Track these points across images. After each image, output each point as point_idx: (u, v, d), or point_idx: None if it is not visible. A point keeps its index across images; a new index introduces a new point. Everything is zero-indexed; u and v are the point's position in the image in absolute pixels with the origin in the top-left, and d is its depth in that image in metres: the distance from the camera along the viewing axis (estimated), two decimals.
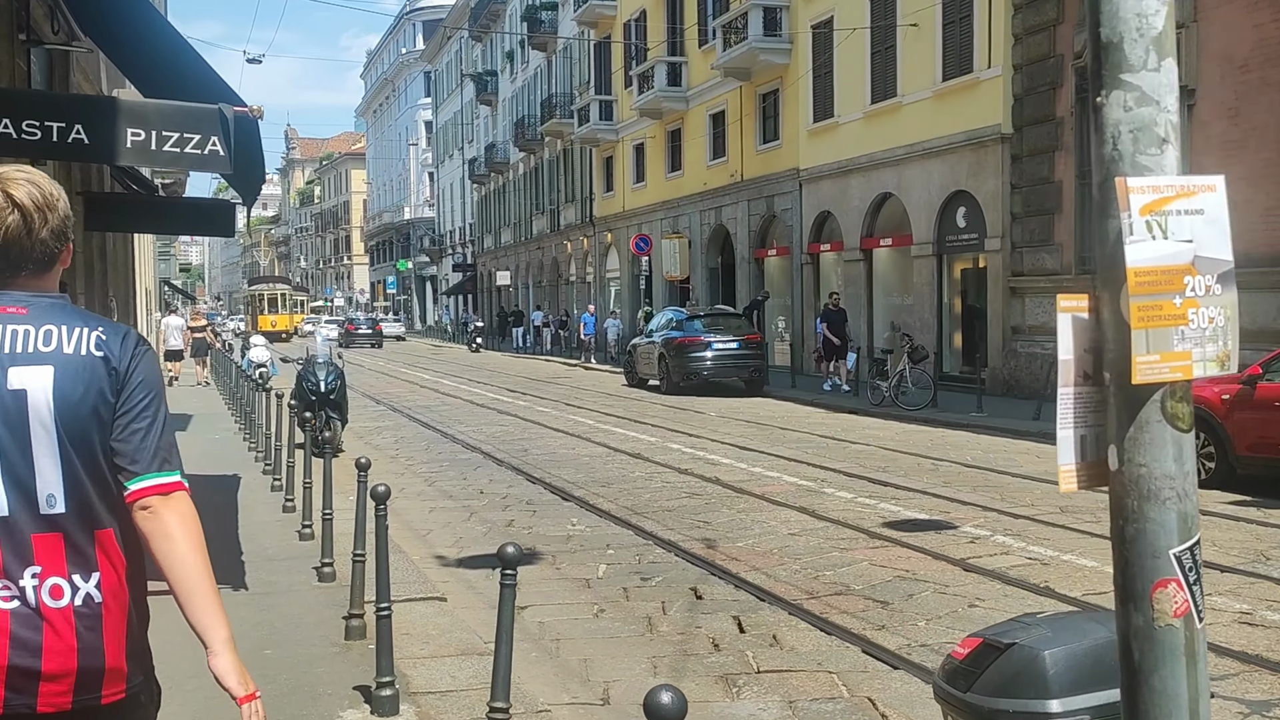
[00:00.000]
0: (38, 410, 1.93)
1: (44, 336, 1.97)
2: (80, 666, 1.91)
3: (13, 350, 1.95)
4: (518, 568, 3.63)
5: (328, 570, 6.93)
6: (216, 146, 5.89)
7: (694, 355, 21.43)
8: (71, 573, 1.93)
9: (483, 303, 57.24)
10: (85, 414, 1.95)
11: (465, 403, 21.29)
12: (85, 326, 2.01)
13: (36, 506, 1.92)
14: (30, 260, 2.02)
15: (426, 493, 10.94)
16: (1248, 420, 10.07)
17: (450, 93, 64.44)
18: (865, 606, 6.51)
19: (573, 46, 41.00)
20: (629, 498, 10.28)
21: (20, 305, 2.00)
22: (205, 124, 5.88)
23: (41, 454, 1.93)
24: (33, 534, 1.91)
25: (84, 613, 1.92)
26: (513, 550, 3.53)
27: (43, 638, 1.88)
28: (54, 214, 2.03)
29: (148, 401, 2.03)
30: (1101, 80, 1.93)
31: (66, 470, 1.94)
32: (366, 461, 5.99)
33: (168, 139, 5.82)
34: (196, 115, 5.91)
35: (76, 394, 1.95)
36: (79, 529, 1.94)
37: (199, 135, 5.89)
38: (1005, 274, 18.82)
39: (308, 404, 12.69)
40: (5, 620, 1.88)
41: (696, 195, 30.48)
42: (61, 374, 1.95)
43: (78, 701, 1.91)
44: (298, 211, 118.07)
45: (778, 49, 25.59)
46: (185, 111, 5.93)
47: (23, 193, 2.00)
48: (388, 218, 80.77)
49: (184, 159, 5.88)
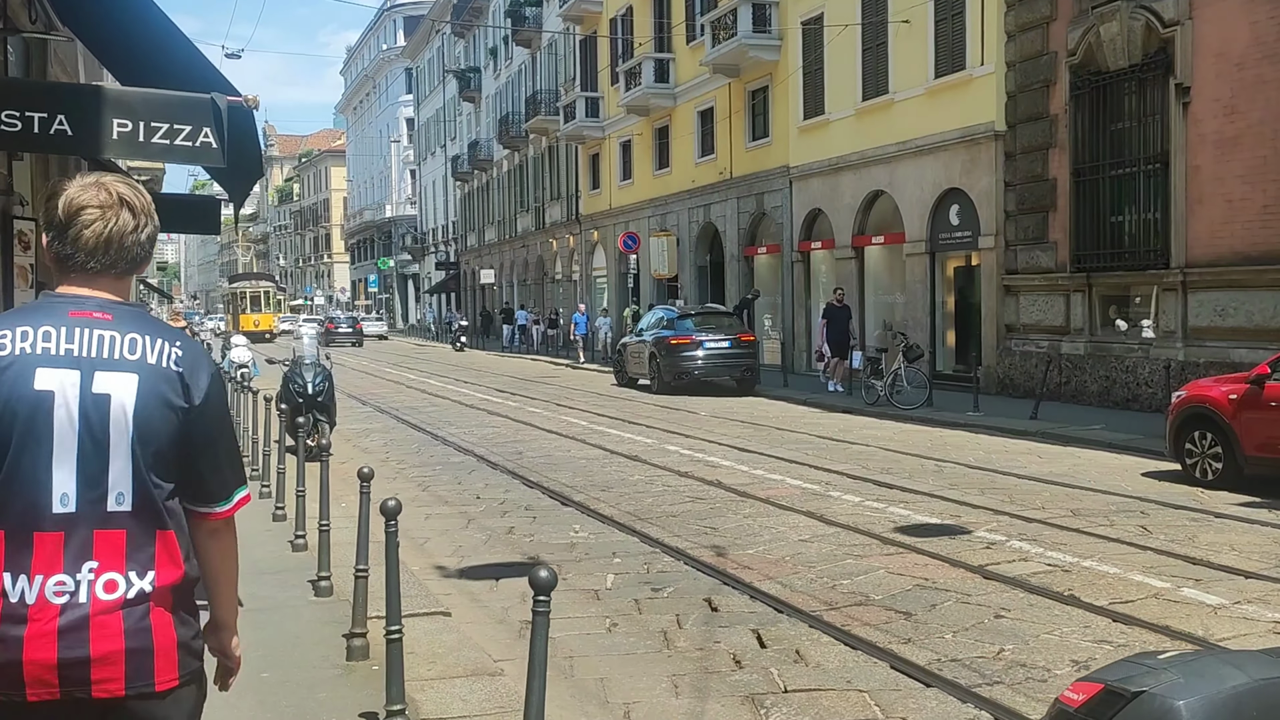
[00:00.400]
0: (117, 415, 2.03)
1: (129, 345, 2.07)
2: (129, 656, 2.00)
3: (99, 355, 2.05)
4: (548, 592, 3.35)
5: (324, 584, 6.63)
6: (209, 138, 5.58)
7: (686, 354, 21.18)
8: (129, 569, 2.03)
9: (466, 301, 56.81)
10: (160, 423, 2.06)
11: (454, 403, 20.95)
12: (165, 339, 2.12)
13: (105, 504, 2.02)
14: (124, 260, 2.12)
15: (421, 498, 10.62)
16: (1256, 420, 9.90)
17: (432, 89, 63.92)
18: (888, 618, 6.27)
19: (558, 43, 40.65)
20: (631, 502, 10.01)
21: (106, 311, 2.09)
22: (197, 114, 5.57)
23: (117, 455, 2.02)
24: (96, 530, 2.01)
25: (134, 605, 2.02)
26: (546, 575, 3.26)
27: (90, 630, 1.98)
28: (153, 221, 2.17)
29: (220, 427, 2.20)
30: None
31: (136, 473, 2.04)
32: (369, 471, 5.69)
33: (156, 130, 5.50)
34: (187, 105, 5.60)
35: (154, 404, 2.06)
36: (142, 528, 2.05)
37: (190, 126, 5.58)
38: (999, 272, 18.66)
39: (295, 406, 12.34)
40: (56, 614, 1.97)
41: (685, 193, 30.22)
42: (145, 383, 2.05)
43: (131, 688, 2.02)
44: (276, 209, 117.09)
45: (767, 45, 25.35)
46: (175, 101, 5.61)
47: (129, 193, 2.12)
48: (369, 215, 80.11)
49: (174, 151, 5.57)
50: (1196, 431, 10.42)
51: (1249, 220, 14.20)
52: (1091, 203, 16.74)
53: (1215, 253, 14.66)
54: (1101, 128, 16.52)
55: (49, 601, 1.98)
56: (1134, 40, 15.76)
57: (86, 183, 2.11)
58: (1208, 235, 14.76)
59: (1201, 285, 14.87)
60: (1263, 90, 13.98)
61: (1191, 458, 10.48)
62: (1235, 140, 14.35)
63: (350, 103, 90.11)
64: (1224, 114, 14.51)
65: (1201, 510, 9.20)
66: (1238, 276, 14.32)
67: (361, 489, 5.69)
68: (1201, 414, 10.37)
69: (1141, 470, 11.31)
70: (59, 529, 2.00)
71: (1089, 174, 16.75)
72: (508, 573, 7.57)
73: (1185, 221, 15.08)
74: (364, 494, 5.71)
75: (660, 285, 32.03)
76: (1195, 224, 14.96)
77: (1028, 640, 5.79)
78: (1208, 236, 14.76)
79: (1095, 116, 16.61)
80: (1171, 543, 7.97)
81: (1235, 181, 14.38)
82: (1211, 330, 14.70)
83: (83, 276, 2.11)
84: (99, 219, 2.07)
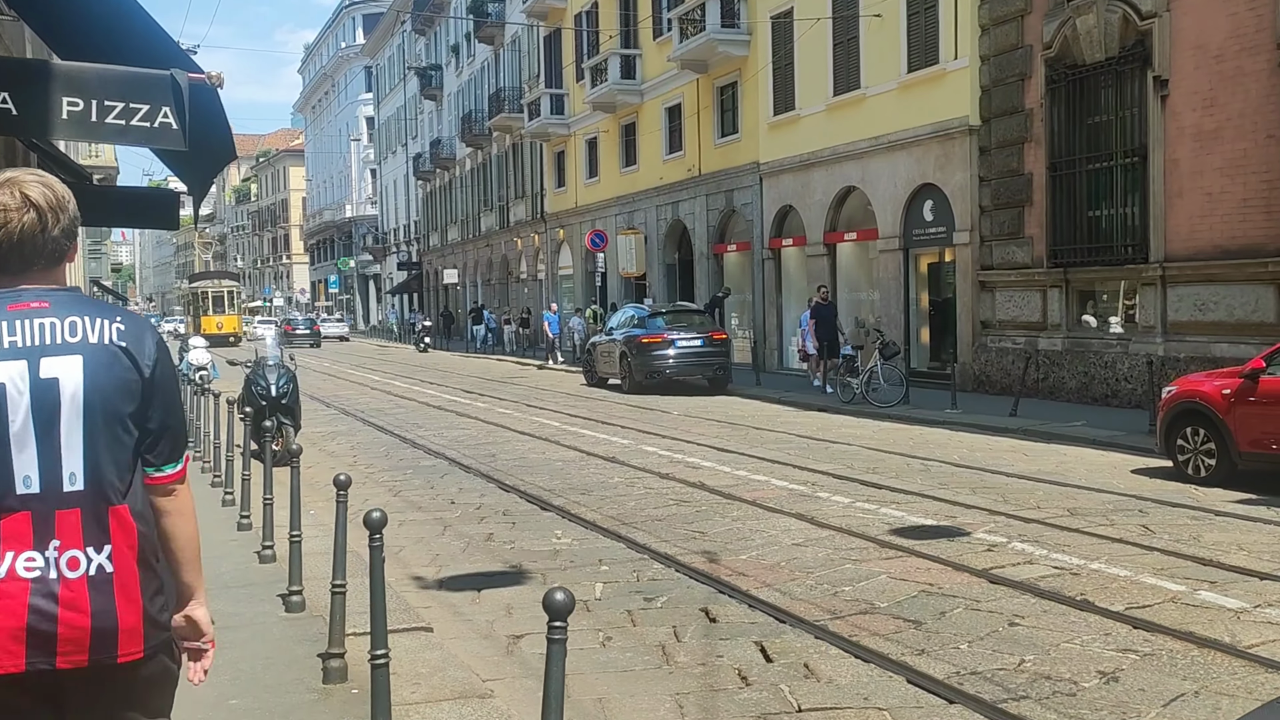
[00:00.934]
0: (67, 397, 2.10)
1: (69, 328, 2.14)
2: (94, 629, 2.08)
3: (43, 342, 2.12)
4: (565, 617, 2.96)
5: (296, 599, 6.19)
6: (168, 118, 5.10)
7: (657, 353, 20.83)
8: (86, 545, 2.10)
9: (429, 301, 56.07)
10: (109, 400, 2.14)
11: (421, 405, 20.44)
12: (105, 317, 2.18)
13: (60, 485, 2.09)
14: (42, 256, 2.18)
15: (393, 504, 10.15)
16: (1250, 415, 9.72)
17: (393, 87, 63.04)
18: (897, 627, 5.94)
19: (521, 39, 40.14)
20: (613, 506, 9.62)
21: (41, 300, 2.16)
22: (155, 92, 5.09)
23: (68, 436, 2.10)
24: (56, 510, 2.08)
25: (97, 581, 2.09)
26: (562, 598, 2.86)
27: (59, 604, 2.06)
28: (65, 214, 2.20)
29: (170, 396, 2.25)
30: None
31: (88, 452, 2.11)
32: (346, 479, 5.27)
33: (111, 109, 5.02)
34: (144, 82, 5.12)
35: (102, 382, 2.13)
36: (95, 505, 2.11)
37: (147, 105, 5.09)
38: (974, 268, 18.50)
39: (258, 409, 11.83)
40: (27, 589, 2.05)
41: (653, 190, 29.86)
42: (90, 363, 2.13)
43: (94, 660, 2.09)
44: (234, 209, 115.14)
45: (736, 40, 25.07)
46: (131, 78, 5.13)
47: (37, 193, 2.16)
48: (328, 215, 78.94)
49: (130, 132, 5.09)
50: (1189, 427, 10.23)
51: (1228, 214, 14.11)
52: (1068, 197, 16.60)
53: (1195, 247, 14.56)
54: (1078, 121, 16.39)
55: (19, 576, 2.06)
56: (1111, 33, 15.64)
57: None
58: (1187, 229, 14.65)
59: (1181, 280, 14.77)
60: (1242, 83, 13.89)
61: (1184, 454, 10.30)
62: (1214, 133, 14.25)
63: (309, 101, 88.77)
64: (1203, 107, 14.40)
65: (1200, 508, 8.99)
66: (1217, 271, 14.22)
67: (339, 498, 5.29)
68: (1194, 409, 10.18)
69: (1131, 467, 11.12)
70: (25, 509, 2.08)
71: (1065, 168, 16.62)
72: (490, 583, 7.16)
73: (1164, 216, 14.97)
74: (341, 503, 5.31)
75: (628, 284, 31.66)
76: (1174, 218, 14.85)
77: (1048, 650, 5.49)
78: (1187, 230, 14.66)
79: (1072, 110, 16.47)
80: (1177, 542, 7.73)
81: (1214, 175, 14.29)
82: (1191, 325, 14.59)
83: (10, 273, 2.17)
84: (4, 224, 2.13)
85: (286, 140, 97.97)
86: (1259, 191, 13.70)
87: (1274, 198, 13.50)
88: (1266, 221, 13.58)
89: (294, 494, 6.53)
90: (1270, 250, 13.52)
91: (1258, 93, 13.69)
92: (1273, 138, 13.51)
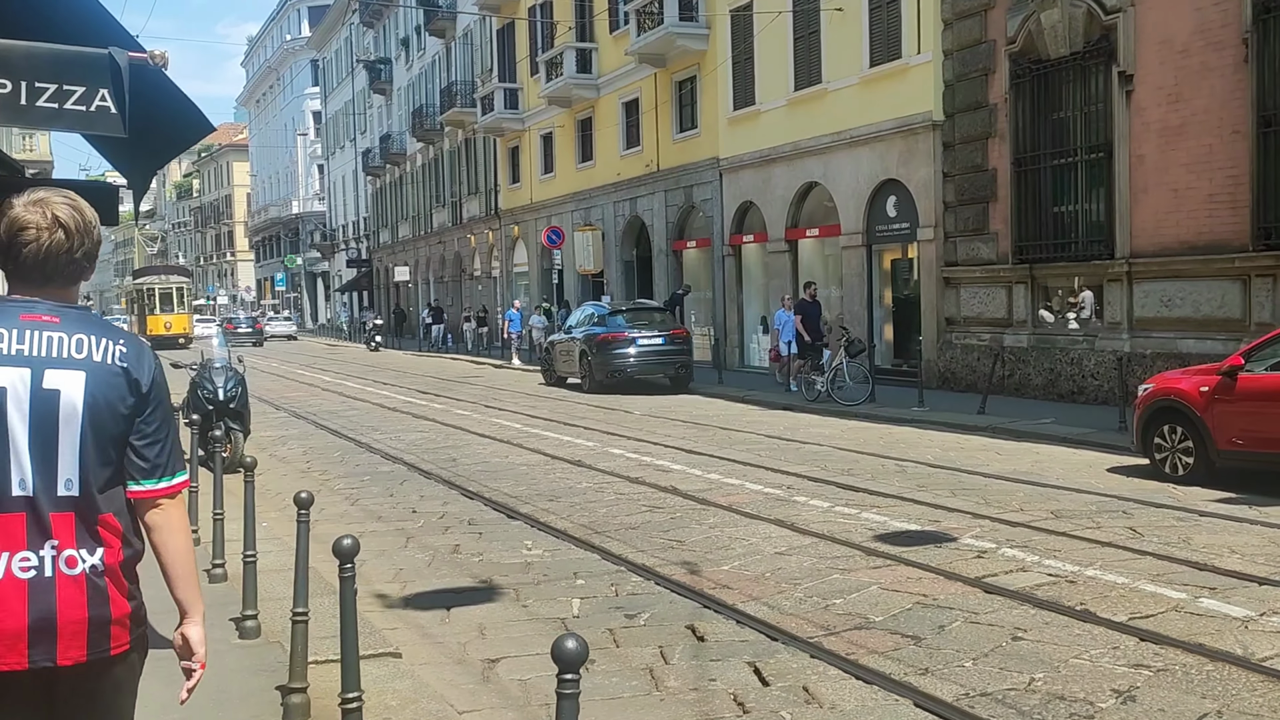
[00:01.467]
0: (67, 408, 2.21)
1: (76, 344, 2.26)
2: (91, 626, 2.19)
3: (49, 354, 2.23)
4: (578, 668, 2.60)
5: (251, 624, 5.73)
6: (106, 101, 4.62)
7: (618, 352, 20.46)
8: (80, 546, 2.21)
9: (379, 299, 55.11)
10: (106, 416, 2.25)
11: (375, 406, 19.85)
12: (109, 339, 2.31)
13: (56, 489, 2.20)
14: (61, 275, 2.30)
15: (350, 514, 9.69)
16: (1229, 413, 9.59)
17: (340, 81, 61.85)
18: (895, 644, 5.64)
19: (474, 32, 39.47)
20: (583, 513, 9.23)
21: (53, 314, 2.28)
22: (91, 72, 4.61)
23: (65, 445, 2.20)
24: (51, 513, 2.19)
25: (93, 580, 2.21)
26: (575, 646, 2.50)
27: (58, 603, 2.16)
28: (89, 238, 2.32)
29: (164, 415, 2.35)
30: None
31: (83, 461, 2.22)
32: (308, 497, 4.82)
33: (42, 91, 4.52)
34: (80, 61, 4.64)
35: (102, 398, 2.25)
36: (88, 510, 2.23)
37: (83, 87, 4.61)
38: (938, 264, 18.36)
39: (205, 414, 11.25)
40: (24, 589, 2.15)
41: (610, 186, 29.45)
42: (92, 380, 2.24)
43: (92, 654, 2.21)
44: (175, 205, 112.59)
45: (695, 34, 24.74)
46: (65, 56, 4.64)
47: (66, 214, 2.28)
48: (274, 212, 77.36)
49: (63, 117, 4.60)
50: (1166, 426, 10.09)
51: (1194, 209, 14.06)
52: (1033, 193, 16.50)
53: (1160, 243, 14.51)
54: (1043, 116, 16.28)
55: (16, 577, 2.15)
56: (1075, 27, 15.54)
57: (30, 201, 2.27)
58: (1153, 225, 14.60)
59: (1147, 275, 14.71)
60: (1207, 78, 13.84)
61: (1161, 453, 10.15)
62: (1180, 129, 14.20)
63: (252, 95, 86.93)
64: (1168, 102, 14.34)
65: (1183, 508, 8.82)
66: (1184, 266, 14.17)
67: (299, 517, 4.84)
68: (1171, 407, 10.04)
69: (1106, 466, 10.97)
70: (20, 510, 2.18)
71: (1030, 164, 16.51)
72: (460, 600, 6.75)
73: (1130, 211, 14.91)
74: (302, 523, 4.86)
75: (586, 281, 31.22)
76: (1140, 214, 14.79)
77: (1057, 667, 5.21)
78: (1153, 226, 14.60)
79: (1036, 105, 16.37)
80: (1167, 546, 7.53)
81: (1180, 170, 14.23)
82: (1158, 321, 14.54)
83: (30, 285, 2.29)
84: (34, 240, 2.25)
85: (230, 135, 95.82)
86: (1225, 187, 13.66)
87: (1240, 193, 13.47)
88: (1233, 217, 13.55)
89: (248, 510, 6.06)
90: (1236, 246, 13.49)
91: (1223, 88, 13.65)
92: (1238, 133, 13.48)
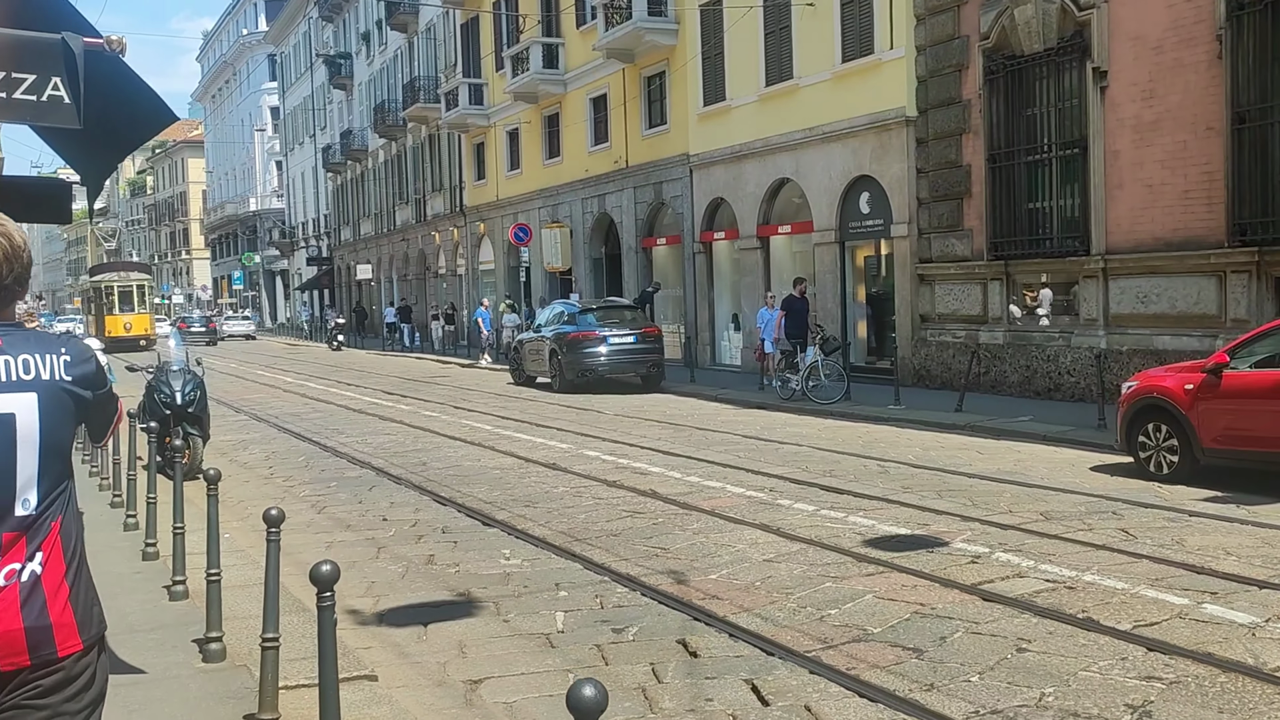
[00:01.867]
0: (24, 431, 2.26)
1: (23, 366, 2.30)
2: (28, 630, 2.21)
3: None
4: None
5: (215, 647, 5.37)
6: (59, 90, 4.31)
7: (588, 350, 20.17)
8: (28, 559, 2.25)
9: (341, 298, 54.32)
10: (61, 431, 2.34)
11: (339, 408, 19.41)
12: (52, 354, 2.35)
13: (13, 510, 2.24)
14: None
15: (318, 522, 9.33)
16: (1214, 410, 9.50)
17: (299, 76, 60.89)
18: (897, 657, 5.42)
19: (437, 26, 38.92)
20: (562, 520, 8.95)
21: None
22: (43, 60, 4.29)
23: (23, 467, 2.26)
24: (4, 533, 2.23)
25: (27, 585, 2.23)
26: (593, 694, 2.21)
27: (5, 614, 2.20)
28: (19, 263, 2.37)
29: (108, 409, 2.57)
30: None
31: (41, 479, 2.28)
32: (278, 514, 4.50)
33: None
34: (29, 47, 4.31)
35: (56, 416, 2.32)
36: (41, 523, 2.28)
37: (34, 75, 4.29)
38: (913, 261, 18.24)
39: (163, 419, 10.81)
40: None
41: (578, 182, 29.11)
42: (45, 400, 2.30)
43: (35, 657, 2.23)
44: (128, 203, 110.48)
45: (664, 29, 24.47)
46: (14, 42, 4.31)
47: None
48: (231, 209, 76.09)
49: (12, 107, 4.27)
50: (1151, 424, 9.98)
51: (1170, 205, 14.02)
52: (1008, 189, 16.42)
53: (1136, 239, 14.46)
54: (1017, 112, 16.20)
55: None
56: (1049, 23, 15.46)
57: None
58: (1128, 221, 14.55)
59: (1123, 272, 14.66)
60: (1181, 74, 13.80)
61: (1145, 451, 10.05)
62: (1154, 125, 14.15)
63: (208, 91, 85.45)
64: (1142, 98, 14.30)
65: (1172, 508, 8.71)
66: (1159, 263, 14.13)
67: (269, 536, 4.52)
68: (1156, 405, 9.93)
69: (1089, 464, 10.87)
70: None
71: (1004, 160, 16.43)
72: (437, 615, 6.45)
73: (1105, 207, 14.85)
74: (272, 542, 4.54)
75: (554, 279, 30.88)
76: (1115, 210, 14.74)
77: (1067, 680, 5.01)
78: (1128, 223, 14.55)
79: (1010, 101, 16.28)
80: (1161, 548, 7.39)
81: (1155, 166, 14.19)
82: (1134, 317, 14.50)
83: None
84: None
85: (184, 131, 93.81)
86: (1200, 183, 13.63)
87: (1215, 190, 13.44)
88: (1208, 213, 13.52)
89: (211, 526, 5.69)
90: (1212, 242, 13.47)
91: (1197, 84, 13.61)
92: (1213, 129, 13.45)
